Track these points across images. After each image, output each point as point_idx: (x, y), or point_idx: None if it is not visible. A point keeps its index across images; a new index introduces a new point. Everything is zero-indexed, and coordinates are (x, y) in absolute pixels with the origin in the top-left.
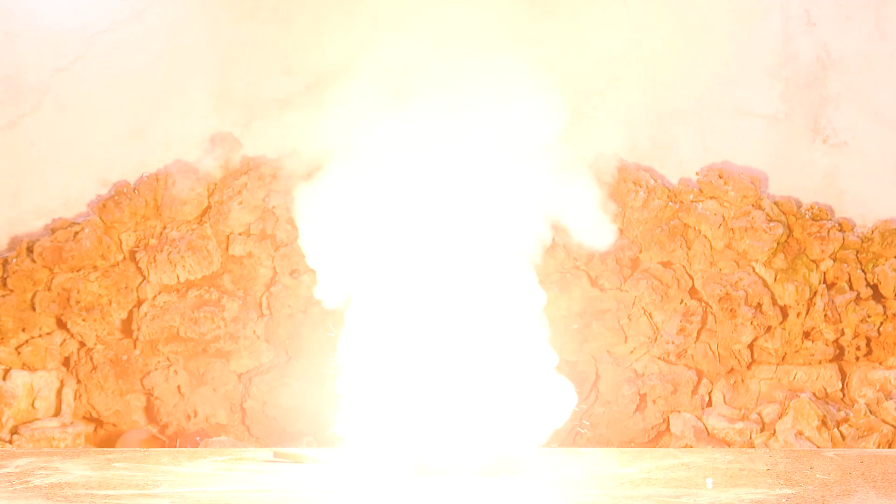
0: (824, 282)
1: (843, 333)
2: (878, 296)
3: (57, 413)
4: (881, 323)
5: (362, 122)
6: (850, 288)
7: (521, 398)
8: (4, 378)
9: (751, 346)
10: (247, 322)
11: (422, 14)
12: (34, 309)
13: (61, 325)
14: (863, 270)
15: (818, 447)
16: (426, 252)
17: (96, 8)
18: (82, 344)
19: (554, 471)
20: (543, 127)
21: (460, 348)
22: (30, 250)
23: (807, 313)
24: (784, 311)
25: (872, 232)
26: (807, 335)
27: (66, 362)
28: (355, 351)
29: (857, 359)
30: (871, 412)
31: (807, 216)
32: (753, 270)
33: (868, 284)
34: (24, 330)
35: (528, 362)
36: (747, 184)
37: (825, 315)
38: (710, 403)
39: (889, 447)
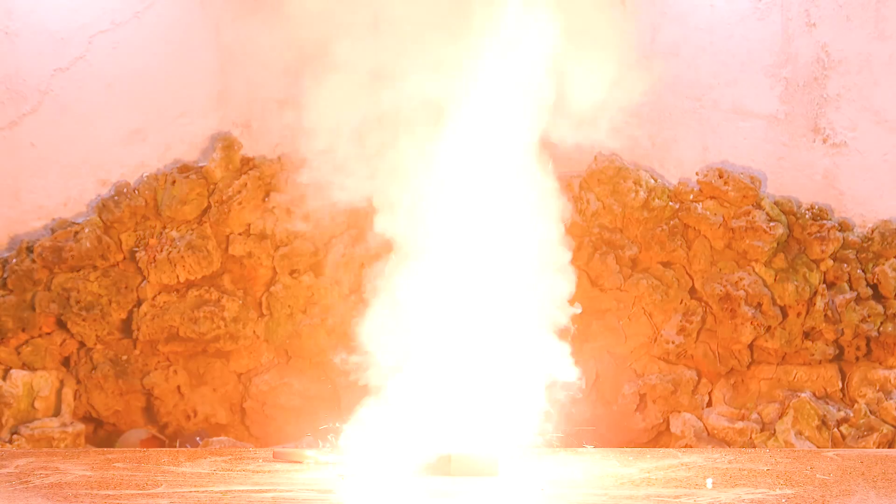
0: (824, 282)
1: (843, 333)
2: (878, 296)
3: (57, 413)
4: (881, 323)
5: None
6: (850, 288)
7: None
8: (4, 378)
9: (751, 346)
10: (247, 322)
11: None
12: (34, 309)
13: (61, 325)
14: (863, 270)
15: (818, 447)
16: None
17: (96, 8)
18: (82, 344)
19: (554, 471)
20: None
21: (468, 346)
22: (30, 250)
23: (807, 313)
24: (784, 311)
25: (872, 232)
26: (807, 335)
27: (66, 362)
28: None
29: (857, 359)
30: (871, 412)
31: (807, 216)
32: (753, 270)
33: (868, 284)
34: (24, 330)
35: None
36: (747, 184)
37: (825, 315)
38: (710, 403)
39: (889, 447)
